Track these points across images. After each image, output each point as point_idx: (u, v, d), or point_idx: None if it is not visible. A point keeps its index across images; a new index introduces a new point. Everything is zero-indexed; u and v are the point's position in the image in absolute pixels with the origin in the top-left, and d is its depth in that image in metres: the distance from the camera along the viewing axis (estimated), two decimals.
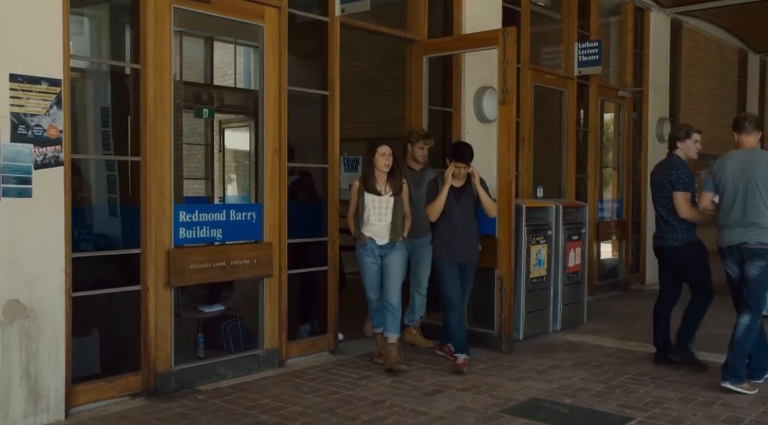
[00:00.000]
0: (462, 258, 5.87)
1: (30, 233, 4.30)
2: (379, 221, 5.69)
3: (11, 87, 4.20)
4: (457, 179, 5.83)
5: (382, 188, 5.69)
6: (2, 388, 4.21)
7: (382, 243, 5.72)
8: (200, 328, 5.88)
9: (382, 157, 5.65)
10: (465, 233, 5.85)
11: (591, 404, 4.94)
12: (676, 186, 5.73)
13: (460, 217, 5.82)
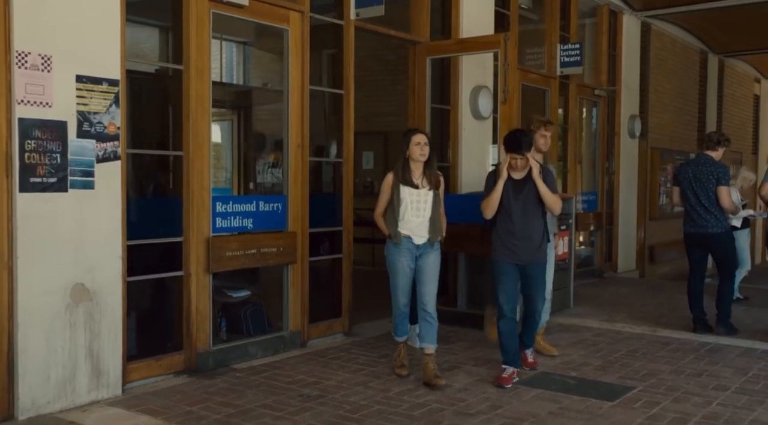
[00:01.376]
0: (521, 259, 5.20)
1: (92, 222, 4.65)
2: (417, 217, 5.20)
3: (77, 87, 4.54)
4: (515, 171, 5.21)
5: (419, 180, 5.21)
6: (70, 365, 4.56)
7: (420, 242, 5.23)
8: (222, 312, 6.25)
9: (417, 146, 5.17)
10: (525, 232, 5.18)
11: (594, 376, 5.49)
12: (722, 182, 6.72)
13: (519, 213, 5.16)
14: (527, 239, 5.19)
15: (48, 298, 4.44)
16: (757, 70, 17.65)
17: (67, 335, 4.54)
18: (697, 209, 6.83)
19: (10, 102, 4.25)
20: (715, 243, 6.86)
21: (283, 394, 4.93)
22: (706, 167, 6.82)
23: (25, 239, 4.32)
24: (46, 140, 4.39)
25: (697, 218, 6.86)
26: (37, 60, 4.33)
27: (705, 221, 6.80)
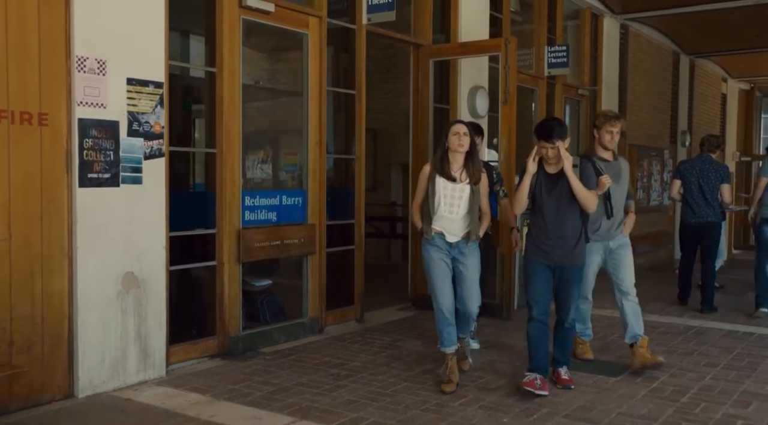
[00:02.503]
0: (553, 260, 4.86)
1: (140, 215, 5.00)
2: (450, 212, 4.91)
3: (128, 90, 4.88)
4: (548, 163, 4.87)
5: (457, 173, 4.93)
6: (121, 348, 4.91)
7: (453, 241, 4.97)
8: (243, 301, 6.59)
9: (455, 136, 4.89)
10: (559, 230, 4.83)
11: (595, 356, 5.97)
12: (725, 180, 7.94)
13: (553, 210, 4.82)
14: (560, 239, 4.83)
15: (103, 285, 4.78)
16: (724, 70, 18.36)
17: (119, 319, 4.88)
18: (699, 202, 7.96)
19: (71, 103, 4.58)
20: (710, 231, 8.00)
21: (315, 374, 5.33)
22: (711, 166, 8.04)
23: (83, 231, 4.66)
24: (101, 139, 4.73)
25: (697, 210, 7.96)
26: (93, 64, 4.66)
27: (705, 213, 7.95)
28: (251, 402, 4.68)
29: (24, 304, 4.42)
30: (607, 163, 5.37)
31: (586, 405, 4.71)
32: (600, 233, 5.43)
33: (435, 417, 4.43)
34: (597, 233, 5.39)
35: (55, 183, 4.56)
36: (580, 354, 5.81)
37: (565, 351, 5.21)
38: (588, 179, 4.91)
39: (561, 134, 4.76)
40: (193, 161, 5.99)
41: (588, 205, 4.82)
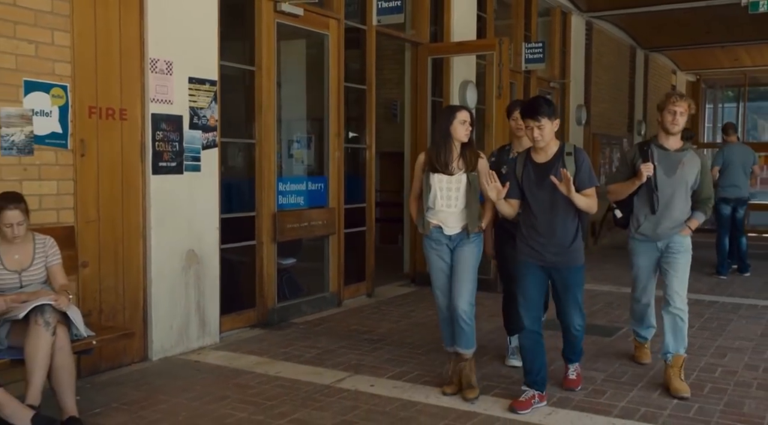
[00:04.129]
0: (547, 260, 4.34)
1: (199, 199, 5.61)
2: (448, 206, 4.50)
3: (189, 87, 5.48)
4: (536, 151, 4.33)
5: (454, 164, 4.48)
6: (185, 317, 5.53)
7: (452, 233, 4.53)
8: None
9: (462, 125, 4.45)
10: (551, 227, 4.29)
11: (588, 320, 6.78)
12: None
13: (543, 204, 4.28)
14: (553, 237, 4.29)
15: (170, 261, 5.40)
16: (674, 63, 19.54)
17: (183, 292, 5.51)
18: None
19: (145, 100, 5.17)
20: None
21: (350, 339, 6.03)
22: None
23: (155, 213, 5.26)
24: (169, 131, 5.33)
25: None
26: (163, 65, 5.25)
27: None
28: (305, 361, 5.36)
29: (109, 277, 5.02)
30: (664, 152, 4.78)
31: (589, 358, 5.53)
32: (644, 231, 4.87)
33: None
34: (639, 230, 4.88)
35: (132, 171, 5.15)
36: (636, 358, 5.36)
37: (575, 349, 4.77)
38: (586, 172, 4.29)
39: (548, 112, 4.18)
40: (241, 150, 6.57)
41: (590, 210, 4.30)
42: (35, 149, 4.51)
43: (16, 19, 4.37)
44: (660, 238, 4.86)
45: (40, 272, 4.09)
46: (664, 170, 4.75)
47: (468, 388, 4.55)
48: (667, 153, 4.80)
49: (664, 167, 4.75)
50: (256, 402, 4.44)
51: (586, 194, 4.31)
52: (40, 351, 3.70)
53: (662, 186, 4.76)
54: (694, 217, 4.89)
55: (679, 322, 4.84)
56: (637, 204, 4.90)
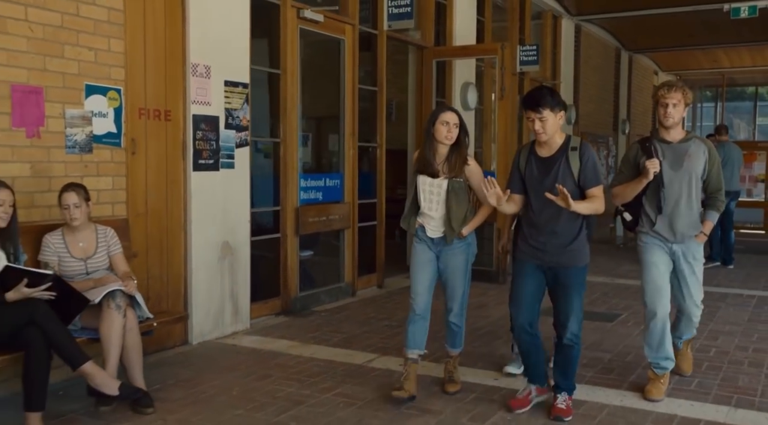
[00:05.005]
0: (546, 260, 4.11)
1: (232, 194, 6.01)
2: (429, 209, 4.39)
3: (225, 90, 5.87)
4: (539, 145, 4.12)
5: (439, 166, 4.35)
6: (220, 304, 5.93)
7: (434, 236, 4.41)
8: None
9: (443, 126, 4.27)
10: (553, 224, 4.05)
11: (588, 307, 7.27)
12: None
13: (547, 201, 3.95)
14: (552, 235, 4.06)
15: (208, 252, 5.79)
16: (656, 64, 20.17)
17: (218, 281, 5.90)
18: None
19: (186, 102, 5.56)
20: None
21: (371, 325, 6.46)
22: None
23: (195, 207, 5.66)
24: (207, 131, 5.72)
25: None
26: (202, 69, 5.64)
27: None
28: (334, 344, 5.79)
29: (155, 266, 5.41)
30: (667, 145, 4.49)
31: (595, 341, 6.01)
32: (658, 231, 4.55)
33: (486, 351, 5.65)
34: (654, 229, 4.56)
35: (175, 168, 5.54)
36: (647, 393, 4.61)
37: (567, 373, 4.26)
38: (591, 169, 4.04)
39: (552, 103, 3.97)
40: (266, 148, 6.98)
41: (597, 212, 4.05)
42: (94, 147, 4.89)
43: (79, 28, 4.74)
44: (678, 239, 4.53)
45: (103, 260, 4.47)
46: (669, 164, 4.45)
47: (449, 382, 4.63)
48: (670, 146, 4.49)
49: (669, 161, 4.46)
50: (299, 379, 4.86)
51: (591, 195, 4.02)
52: (114, 331, 4.09)
53: (670, 182, 4.45)
54: (708, 218, 4.61)
55: (694, 319, 4.87)
56: (646, 204, 4.56)
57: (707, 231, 4.63)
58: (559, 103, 4.02)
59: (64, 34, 4.65)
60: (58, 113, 4.64)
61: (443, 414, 4.28)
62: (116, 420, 4.06)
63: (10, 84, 4.36)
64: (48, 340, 3.72)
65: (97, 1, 4.85)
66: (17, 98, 4.39)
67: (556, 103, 4.00)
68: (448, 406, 4.40)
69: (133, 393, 4.00)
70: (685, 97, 4.43)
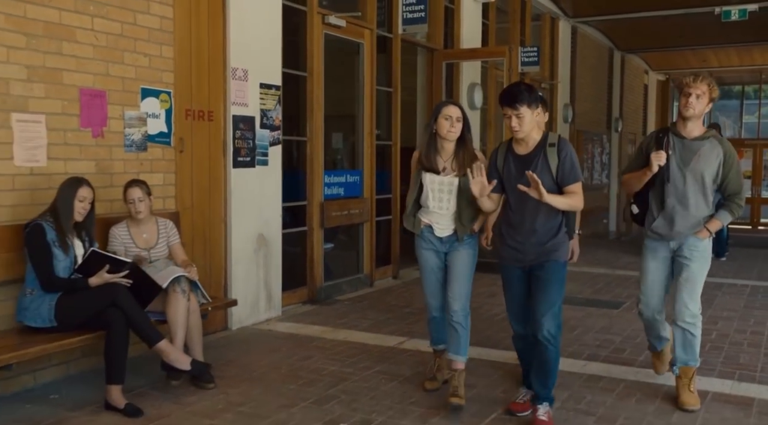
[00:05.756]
0: (526, 261, 3.99)
1: (267, 190, 6.42)
2: (439, 208, 4.26)
3: (260, 92, 6.27)
4: (516, 141, 4.01)
5: (447, 163, 4.23)
6: (256, 292, 6.33)
7: (443, 235, 4.28)
8: None
9: (446, 121, 4.15)
10: (531, 223, 3.93)
11: (594, 296, 7.76)
12: None
13: (524, 200, 3.88)
14: (532, 234, 3.95)
15: (245, 244, 6.20)
16: (646, 64, 20.69)
17: (254, 271, 6.31)
18: None
19: (226, 103, 5.96)
20: None
21: (394, 312, 6.89)
22: None
23: (235, 202, 6.06)
24: (245, 130, 6.12)
25: None
26: (241, 73, 6.04)
27: None
28: (363, 329, 6.21)
29: (199, 257, 5.80)
30: (680, 140, 4.33)
31: (605, 326, 6.47)
32: (657, 229, 4.43)
33: (505, 335, 6.08)
34: (653, 228, 4.44)
35: (216, 165, 5.94)
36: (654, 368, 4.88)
37: (546, 380, 4.05)
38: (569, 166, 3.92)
39: (529, 99, 3.86)
40: (294, 147, 7.37)
41: (574, 208, 3.99)
42: (148, 146, 5.28)
43: (136, 36, 5.13)
44: (675, 238, 4.39)
45: (163, 250, 4.87)
46: (677, 161, 4.29)
47: (452, 396, 4.24)
48: (683, 141, 4.31)
49: (678, 156, 4.30)
50: (339, 359, 5.28)
51: (569, 191, 3.90)
52: (180, 314, 4.49)
53: (674, 178, 4.29)
54: (717, 217, 4.36)
55: (689, 336, 4.44)
56: (651, 198, 4.45)
57: (712, 229, 4.36)
58: (536, 99, 3.92)
59: (123, 41, 5.04)
60: (118, 114, 5.03)
61: (477, 388, 4.70)
62: (183, 394, 4.47)
63: (78, 88, 4.74)
64: (128, 321, 4.12)
65: (150, 11, 5.23)
66: (85, 101, 4.78)
67: (533, 100, 3.89)
68: (479, 381, 4.83)
69: (203, 368, 4.41)
70: (710, 91, 4.24)
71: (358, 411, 4.25)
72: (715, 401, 4.51)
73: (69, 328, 4.16)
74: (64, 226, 4.23)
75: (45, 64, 4.53)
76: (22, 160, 4.42)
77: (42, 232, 4.18)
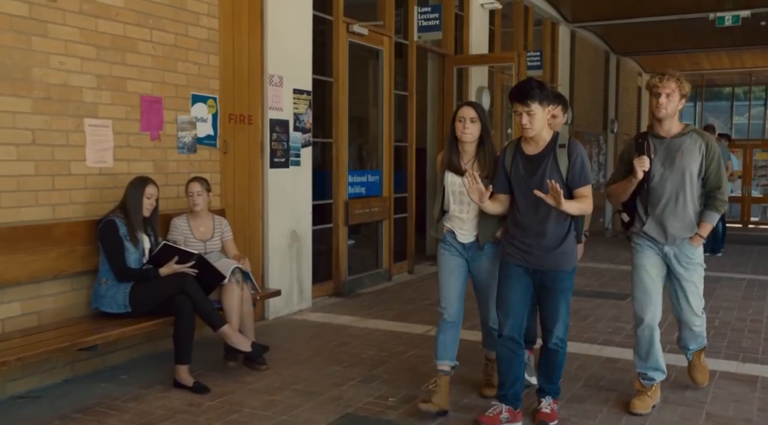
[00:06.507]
0: (532, 262, 3.93)
1: (299, 189, 6.85)
2: (461, 211, 4.16)
3: (293, 97, 6.70)
4: (525, 140, 3.93)
5: (468, 165, 4.11)
6: (289, 285, 6.76)
7: (466, 241, 4.18)
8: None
9: (460, 123, 4.07)
10: (540, 226, 3.88)
11: (601, 289, 8.23)
12: None
13: (532, 200, 3.83)
14: (540, 237, 3.89)
15: (280, 239, 6.62)
16: (640, 66, 21.24)
17: (288, 264, 6.74)
18: None
19: (264, 108, 6.38)
20: None
21: (416, 304, 7.33)
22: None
23: (271, 200, 6.48)
24: (280, 133, 6.55)
25: None
26: (277, 79, 6.47)
27: None
28: (391, 319, 6.65)
29: (240, 251, 6.19)
30: (660, 140, 4.25)
31: (615, 315, 6.92)
32: (649, 231, 4.30)
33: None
34: (644, 230, 4.32)
35: (255, 165, 6.36)
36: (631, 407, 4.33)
37: (552, 376, 4.12)
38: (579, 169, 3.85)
39: (540, 97, 3.77)
40: (320, 148, 7.80)
41: (585, 213, 3.97)
42: (197, 148, 5.70)
43: (188, 47, 5.55)
44: (670, 241, 4.26)
45: (217, 244, 5.29)
46: (661, 162, 4.21)
47: (487, 386, 4.53)
48: (663, 141, 4.24)
49: (661, 157, 4.22)
50: (375, 345, 5.71)
51: (578, 195, 3.87)
52: (235, 301, 4.91)
53: (661, 180, 4.21)
54: (705, 219, 4.26)
55: (697, 329, 4.56)
56: (638, 203, 4.32)
57: (703, 233, 4.27)
58: (548, 96, 3.82)
59: (177, 51, 5.45)
60: (172, 118, 5.45)
61: None
62: (240, 374, 4.90)
63: (140, 95, 5.16)
64: (195, 307, 4.55)
65: (200, 23, 5.65)
66: (145, 107, 5.20)
67: (544, 97, 3.79)
68: None
69: (261, 350, 4.83)
70: (680, 88, 4.18)
71: (402, 388, 4.69)
72: (723, 379, 4.98)
73: (141, 314, 4.58)
74: (133, 221, 4.65)
75: (112, 73, 4.95)
76: (93, 161, 4.83)
77: (115, 227, 4.60)
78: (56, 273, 4.57)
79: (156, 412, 4.19)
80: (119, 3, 4.96)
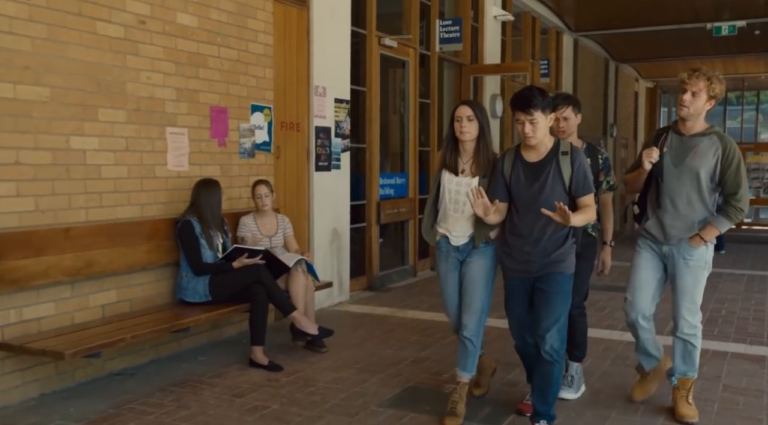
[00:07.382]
0: (532, 271, 3.86)
1: (339, 190, 7.42)
2: (455, 210, 4.07)
3: (335, 106, 7.28)
4: (526, 148, 3.84)
5: (466, 165, 4.05)
6: (331, 278, 7.30)
7: (459, 243, 4.10)
8: None
9: (457, 122, 3.99)
10: (538, 234, 3.81)
11: (613, 283, 8.82)
12: None
13: (532, 209, 3.79)
14: (537, 246, 3.82)
15: (323, 236, 7.20)
16: (637, 72, 21.93)
17: (330, 260, 7.31)
18: None
19: (310, 116, 6.96)
20: None
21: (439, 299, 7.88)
22: None
23: (316, 201, 7.06)
24: (324, 139, 7.13)
25: None
26: (321, 90, 7.05)
27: None
28: (426, 309, 7.23)
29: None
30: (678, 137, 4.12)
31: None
32: (649, 229, 4.24)
33: None
34: (645, 227, 4.27)
35: (302, 169, 6.94)
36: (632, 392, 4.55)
37: (546, 396, 3.94)
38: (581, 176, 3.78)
39: (543, 104, 3.70)
40: (355, 153, 8.37)
41: (590, 221, 3.96)
42: (255, 153, 6.27)
43: (248, 61, 6.12)
44: (669, 240, 4.15)
45: (281, 239, 5.86)
46: (672, 158, 4.08)
47: (450, 415, 4.09)
48: (681, 139, 4.09)
49: (673, 154, 4.08)
50: (418, 332, 6.29)
51: (582, 204, 3.80)
52: (300, 289, 5.48)
53: (667, 177, 4.09)
54: (713, 223, 4.07)
55: (689, 346, 4.26)
56: (648, 198, 4.25)
57: (705, 236, 4.08)
58: (549, 104, 3.76)
59: (239, 66, 6.03)
60: (235, 127, 6.02)
61: None
62: (304, 355, 5.47)
63: (209, 106, 5.72)
64: (268, 294, 5.12)
65: (258, 40, 6.22)
66: (213, 116, 5.76)
67: (546, 105, 3.73)
68: None
69: (327, 333, 5.41)
70: (709, 88, 3.95)
71: (452, 366, 5.25)
72: (734, 358, 5.59)
73: (220, 301, 5.15)
74: (209, 221, 5.22)
75: (188, 86, 5.51)
76: (172, 165, 5.40)
77: (191, 227, 5.17)
78: (145, 265, 5.13)
79: (242, 386, 4.76)
80: (194, 23, 5.53)
